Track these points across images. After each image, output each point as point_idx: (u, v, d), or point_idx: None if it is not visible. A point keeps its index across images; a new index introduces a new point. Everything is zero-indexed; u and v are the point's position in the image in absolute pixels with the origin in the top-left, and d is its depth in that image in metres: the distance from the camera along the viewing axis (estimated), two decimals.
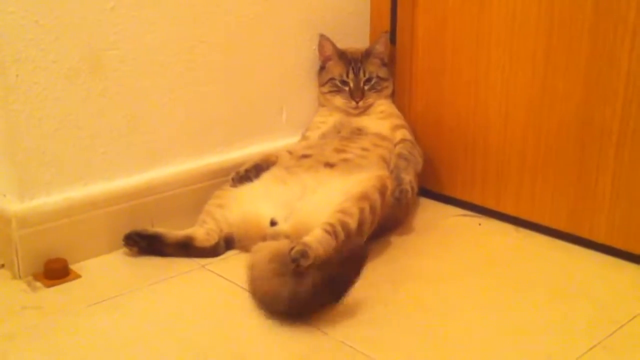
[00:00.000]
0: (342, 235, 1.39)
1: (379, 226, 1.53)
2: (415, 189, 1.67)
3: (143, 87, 1.56)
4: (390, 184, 1.53)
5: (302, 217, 1.47)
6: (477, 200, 1.78)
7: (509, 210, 1.72)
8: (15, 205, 1.42)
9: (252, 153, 1.75)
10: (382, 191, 1.49)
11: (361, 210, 1.43)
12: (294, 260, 1.28)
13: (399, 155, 1.66)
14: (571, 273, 1.49)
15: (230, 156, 1.74)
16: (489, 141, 1.73)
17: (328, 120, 1.81)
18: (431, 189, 1.87)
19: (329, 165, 1.60)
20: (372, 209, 1.45)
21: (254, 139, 1.79)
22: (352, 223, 1.41)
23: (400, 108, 1.86)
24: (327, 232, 1.38)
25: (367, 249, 1.36)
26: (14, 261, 1.43)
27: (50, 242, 1.46)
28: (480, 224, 1.72)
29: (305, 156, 1.66)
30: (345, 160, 1.62)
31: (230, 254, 1.55)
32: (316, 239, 1.35)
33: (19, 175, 1.42)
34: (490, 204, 1.76)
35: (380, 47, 1.82)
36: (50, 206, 1.45)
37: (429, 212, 1.80)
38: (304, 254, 1.28)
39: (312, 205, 1.49)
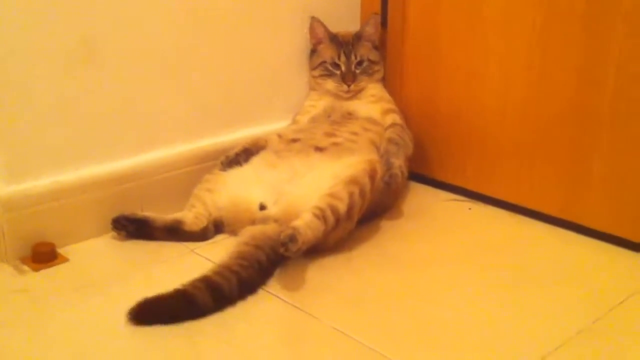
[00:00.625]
0: (331, 219, 1.39)
1: (368, 210, 1.53)
2: (405, 174, 1.66)
3: (135, 72, 1.55)
4: (380, 168, 1.52)
5: (292, 201, 1.47)
6: (470, 186, 1.78)
7: (503, 196, 1.71)
8: (2, 189, 1.40)
9: (243, 137, 1.73)
10: (372, 175, 1.48)
11: (351, 194, 1.43)
12: (283, 245, 1.27)
13: (389, 140, 1.65)
14: (563, 258, 1.49)
15: (220, 139, 1.73)
16: (484, 127, 1.72)
17: (318, 104, 1.80)
18: (422, 173, 1.86)
19: (319, 149, 1.59)
20: (362, 192, 1.45)
21: (245, 123, 1.78)
22: (342, 207, 1.41)
23: (391, 92, 1.85)
24: (316, 216, 1.37)
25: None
26: (1, 244, 1.41)
27: (38, 225, 1.44)
28: (470, 209, 1.72)
29: (295, 140, 1.65)
30: (335, 144, 1.61)
31: (219, 238, 1.54)
32: (305, 223, 1.35)
33: (7, 158, 1.41)
34: (483, 189, 1.75)
35: (371, 29, 1.81)
36: (38, 189, 1.44)
37: (420, 196, 1.79)
38: (292, 239, 1.28)
39: (302, 189, 1.48)
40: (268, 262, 1.36)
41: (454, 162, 1.80)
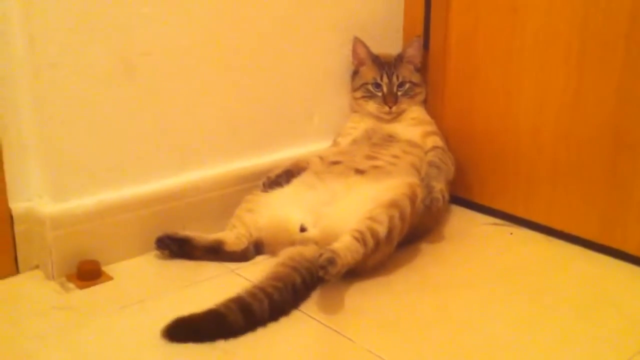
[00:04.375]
0: (371, 243, 1.40)
1: (409, 233, 1.53)
2: (447, 197, 1.66)
3: (175, 91, 1.58)
4: (420, 192, 1.52)
5: (331, 223, 1.47)
6: (508, 209, 1.76)
7: (540, 219, 1.70)
8: (49, 207, 1.44)
9: (283, 158, 1.75)
10: (412, 198, 1.48)
11: (390, 218, 1.43)
12: (322, 267, 1.28)
13: (430, 163, 1.65)
14: (602, 284, 1.47)
15: (261, 161, 1.74)
16: (519, 149, 1.72)
17: (359, 126, 1.81)
18: (462, 196, 1.85)
19: (359, 171, 1.59)
20: (402, 216, 1.45)
21: (285, 143, 1.80)
22: (382, 230, 1.41)
23: (432, 114, 1.85)
24: (356, 239, 1.38)
25: None
26: (48, 262, 1.45)
27: (84, 243, 1.48)
28: (511, 234, 1.71)
29: (335, 162, 1.66)
30: (375, 167, 1.61)
31: (260, 258, 1.56)
32: (345, 245, 1.35)
33: (53, 177, 1.45)
34: (520, 212, 1.74)
35: (413, 52, 1.82)
36: (84, 208, 1.47)
37: (460, 219, 1.79)
38: (331, 262, 1.28)
39: (342, 211, 1.49)
40: (303, 284, 1.37)
41: (493, 185, 1.79)
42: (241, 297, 1.29)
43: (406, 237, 1.52)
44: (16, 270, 1.47)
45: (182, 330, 1.23)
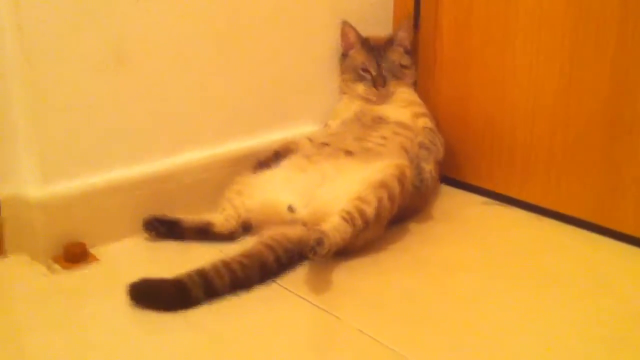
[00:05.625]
0: (359, 223, 1.39)
1: (398, 213, 1.52)
2: (436, 177, 1.65)
3: (167, 77, 1.57)
4: (409, 173, 1.51)
5: (321, 205, 1.47)
6: (501, 189, 1.76)
7: (533, 200, 1.69)
8: (36, 190, 1.43)
9: (274, 140, 1.74)
10: (401, 179, 1.48)
11: (379, 199, 1.42)
12: (311, 248, 1.28)
13: (420, 145, 1.64)
14: (595, 264, 1.47)
15: (251, 143, 1.73)
16: (515, 132, 1.71)
17: (349, 108, 1.79)
18: (453, 176, 1.85)
19: (349, 152, 1.59)
20: (391, 197, 1.44)
21: (276, 126, 1.79)
22: (370, 211, 1.41)
23: (423, 95, 1.84)
24: (344, 219, 1.38)
25: None
26: (34, 243, 1.44)
27: (71, 226, 1.47)
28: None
29: (325, 144, 1.65)
30: (365, 148, 1.60)
31: (248, 239, 1.54)
32: (333, 226, 1.35)
33: (41, 160, 1.44)
34: (514, 193, 1.73)
35: (403, 34, 1.81)
36: (71, 191, 1.46)
37: (450, 200, 1.78)
38: (319, 242, 1.28)
39: (331, 192, 1.48)
40: (276, 262, 1.38)
41: (486, 167, 1.78)
42: (204, 271, 1.31)
43: (395, 216, 1.52)
44: (1, 252, 1.46)
45: (145, 291, 1.27)
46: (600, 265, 1.46)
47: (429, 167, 1.57)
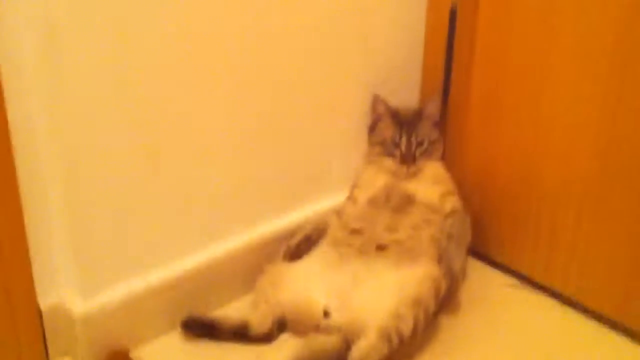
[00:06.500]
0: (395, 341, 1.44)
1: None
2: (465, 269, 1.68)
3: (196, 170, 1.56)
4: (444, 284, 1.55)
5: (355, 312, 1.51)
6: (525, 271, 1.79)
7: (558, 288, 1.73)
8: (78, 305, 1.46)
9: (302, 217, 1.76)
10: (437, 294, 1.52)
11: (416, 317, 1.46)
12: None
13: (450, 237, 1.66)
14: None
15: (280, 222, 1.75)
16: (542, 208, 1.72)
17: (377, 181, 1.79)
18: (478, 250, 1.87)
19: (380, 247, 1.61)
20: (426, 313, 1.49)
21: (303, 199, 1.80)
22: (406, 330, 1.45)
23: (450, 164, 1.84)
24: (381, 337, 1.43)
25: None
26: (77, 353, 1.48)
27: (112, 333, 1.50)
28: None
29: (355, 231, 1.67)
30: (396, 241, 1.63)
31: (283, 339, 1.58)
32: (370, 345, 1.41)
33: (80, 272, 1.45)
34: (538, 277, 1.77)
35: (433, 109, 1.79)
36: (112, 301, 1.48)
37: (476, 279, 1.80)
38: None
39: (365, 299, 1.52)
40: None
41: (509, 244, 1.81)
42: None
43: None
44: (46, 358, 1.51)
45: None
46: None
47: (459, 265, 1.61)
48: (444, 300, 1.66)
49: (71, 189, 1.39)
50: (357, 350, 1.39)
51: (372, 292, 1.53)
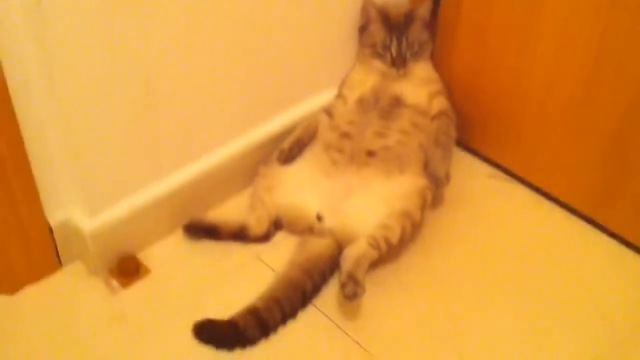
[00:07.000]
0: (384, 248, 1.58)
1: None
2: (449, 173, 1.76)
3: (189, 80, 1.58)
4: (429, 194, 1.66)
5: (347, 219, 1.62)
6: (507, 164, 1.90)
7: (537, 183, 1.84)
8: (86, 223, 1.55)
9: (295, 117, 1.82)
10: (423, 204, 1.64)
11: (403, 227, 1.59)
12: (347, 297, 1.47)
13: (437, 142, 1.73)
14: (590, 265, 1.68)
15: (274, 123, 1.81)
16: (526, 112, 1.79)
17: (366, 81, 1.83)
18: (462, 142, 1.94)
19: (370, 153, 1.69)
20: (413, 224, 1.61)
21: (294, 99, 1.84)
22: (394, 239, 1.58)
23: (438, 62, 1.88)
24: (370, 245, 1.56)
25: None
26: (88, 260, 1.60)
27: (120, 242, 1.61)
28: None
29: (345, 135, 1.73)
30: (385, 147, 1.70)
31: (280, 238, 1.71)
32: (362, 252, 1.54)
33: (87, 196, 1.53)
34: (519, 171, 1.87)
35: (424, 11, 1.79)
36: (118, 215, 1.58)
37: (459, 169, 1.87)
38: (355, 294, 1.47)
39: (356, 209, 1.63)
40: (313, 287, 1.57)
41: (494, 139, 1.90)
42: (257, 310, 1.50)
43: None
44: (59, 264, 1.62)
45: (207, 333, 1.48)
46: (596, 266, 1.69)
47: (444, 171, 1.71)
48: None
49: (69, 112, 1.41)
50: (348, 254, 1.53)
51: (363, 202, 1.64)
